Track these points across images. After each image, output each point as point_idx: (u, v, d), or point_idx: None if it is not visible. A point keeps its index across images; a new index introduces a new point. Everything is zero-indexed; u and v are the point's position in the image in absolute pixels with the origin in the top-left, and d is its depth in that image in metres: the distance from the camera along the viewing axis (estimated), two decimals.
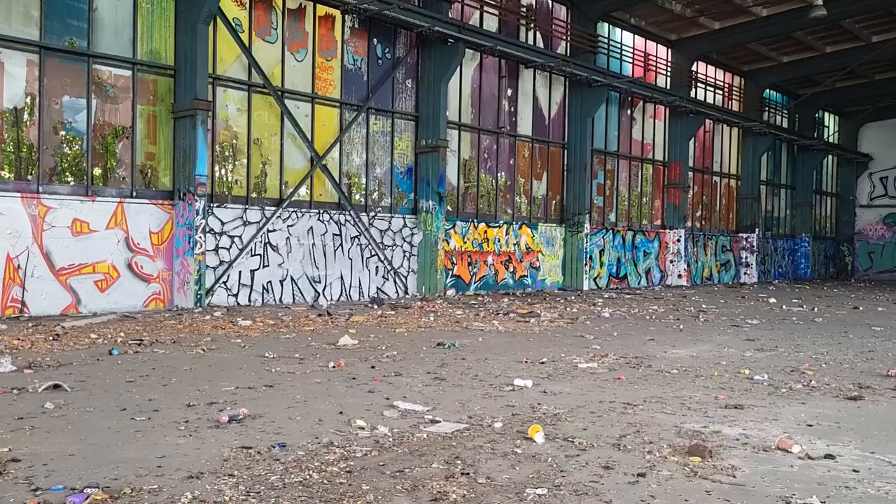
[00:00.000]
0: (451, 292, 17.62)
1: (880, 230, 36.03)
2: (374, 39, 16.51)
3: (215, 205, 13.71)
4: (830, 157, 34.37)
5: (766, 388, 7.29)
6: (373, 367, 7.82)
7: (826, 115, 34.56)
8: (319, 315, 12.60)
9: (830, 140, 34.19)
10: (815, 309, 17.26)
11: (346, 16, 15.85)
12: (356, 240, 16.00)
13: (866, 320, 14.78)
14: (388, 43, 16.80)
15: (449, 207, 17.86)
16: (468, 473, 4.27)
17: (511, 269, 19.64)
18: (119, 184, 12.69)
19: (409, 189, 17.34)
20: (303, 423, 5.37)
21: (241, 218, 14.10)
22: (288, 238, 14.81)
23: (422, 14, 16.19)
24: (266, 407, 5.86)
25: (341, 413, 5.72)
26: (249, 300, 14.13)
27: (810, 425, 5.74)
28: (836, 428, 5.69)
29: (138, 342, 9.01)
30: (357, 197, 16.35)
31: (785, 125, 31.01)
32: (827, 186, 35.39)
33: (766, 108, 29.93)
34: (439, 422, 5.51)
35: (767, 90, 29.66)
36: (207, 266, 13.39)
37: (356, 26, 16.12)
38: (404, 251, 17.00)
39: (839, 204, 36.31)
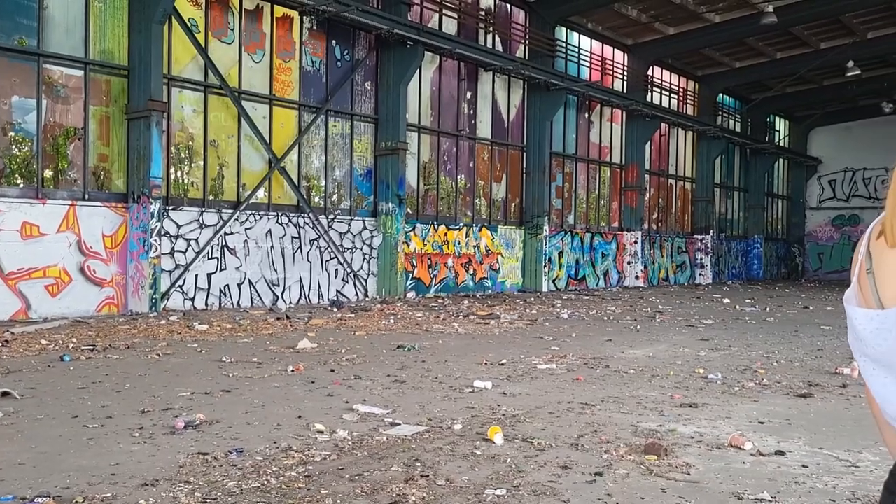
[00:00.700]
0: (411, 295, 17.61)
1: (829, 232, 37.03)
2: (333, 41, 16.44)
3: (171, 207, 13.49)
4: (781, 160, 35.19)
5: (719, 386, 7.45)
6: (332, 371, 7.79)
7: (777, 119, 35.40)
8: (278, 318, 12.49)
9: (781, 144, 35.03)
10: (767, 309, 17.66)
11: (305, 17, 15.75)
12: (315, 242, 15.90)
13: (816, 320, 15.18)
14: (347, 45, 16.74)
15: (409, 210, 17.85)
16: (428, 476, 4.28)
17: (471, 272, 19.71)
18: (71, 186, 12.41)
19: (369, 191, 17.29)
20: (261, 428, 5.32)
21: (198, 221, 13.90)
22: (246, 241, 14.64)
23: (381, 16, 16.17)
24: (223, 412, 5.79)
25: (300, 417, 5.68)
26: (206, 304, 13.93)
27: (762, 423, 5.88)
28: (787, 425, 5.83)
29: (91, 348, 8.82)
30: (316, 199, 16.25)
31: (738, 129, 31.68)
32: (778, 189, 36.24)
33: (720, 113, 30.54)
34: (399, 424, 5.51)
35: (721, 95, 30.27)
36: (163, 270, 13.17)
37: (314, 28, 16.03)
38: (364, 254, 16.94)
39: (790, 206, 37.20)
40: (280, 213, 15.27)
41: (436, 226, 18.68)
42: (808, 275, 37.12)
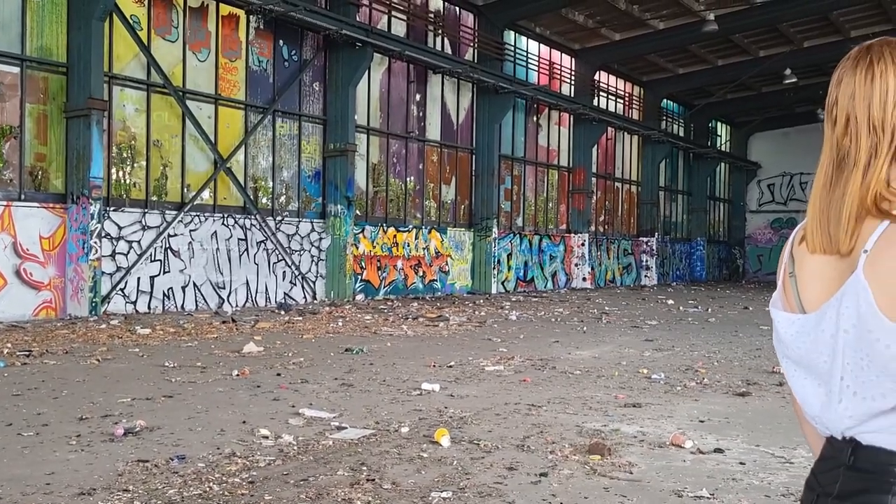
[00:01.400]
0: (360, 297, 17.52)
1: (768, 234, 38.14)
2: (281, 41, 16.26)
3: (112, 208, 13.15)
4: (723, 164, 36.09)
5: (662, 386, 7.60)
6: (278, 375, 7.70)
7: (719, 124, 36.29)
8: (224, 322, 12.28)
9: (723, 148, 35.93)
10: (709, 309, 18.10)
11: (251, 16, 15.54)
12: (262, 244, 15.69)
13: (755, 320, 15.61)
14: (295, 45, 16.57)
15: (358, 212, 17.75)
16: (373, 479, 4.27)
17: (421, 274, 19.70)
18: (6, 186, 12.00)
19: (318, 193, 17.14)
20: (203, 434, 5.23)
21: (140, 222, 13.59)
22: (190, 243, 14.37)
23: (329, 17, 16.06)
24: (165, 418, 5.67)
25: (244, 422, 5.60)
26: (149, 307, 13.62)
27: (702, 421, 6.02)
28: (726, 423, 5.99)
29: (27, 353, 8.54)
30: (264, 201, 16.04)
31: (681, 134, 32.39)
32: (720, 192, 37.16)
33: (664, 117, 31.19)
34: (346, 428, 5.48)
35: (665, 100, 30.91)
36: (103, 272, 12.83)
37: (261, 27, 15.83)
38: (312, 256, 16.79)
39: (731, 209, 38.18)
40: (226, 215, 15.03)
41: (385, 228, 18.63)
42: (748, 276, 38.15)
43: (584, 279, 25.95)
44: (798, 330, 1.32)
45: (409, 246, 19.32)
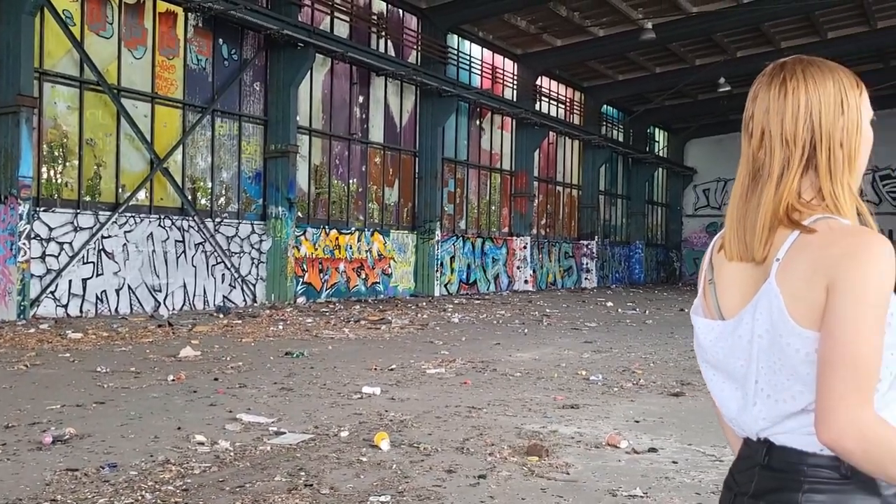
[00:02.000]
0: (301, 300, 17.33)
1: (703, 238, 39.16)
2: (220, 39, 15.98)
3: (42, 209, 12.72)
4: (661, 169, 36.92)
5: (600, 387, 7.74)
6: (216, 379, 7.56)
7: (657, 130, 37.12)
8: (160, 326, 12.00)
9: (661, 154, 36.77)
10: (647, 311, 18.50)
11: (190, 14, 15.24)
12: (201, 246, 15.38)
13: (690, 322, 15.98)
14: (235, 44, 16.31)
15: (299, 213, 17.57)
16: (311, 485, 4.24)
17: (363, 276, 19.61)
18: None
19: (258, 194, 16.90)
20: (136, 441, 5.11)
21: (72, 223, 13.17)
22: (125, 245, 13.99)
23: (270, 16, 15.85)
24: (96, 425, 5.51)
25: (179, 429, 5.49)
26: (81, 311, 13.21)
27: (637, 421, 6.16)
28: (660, 423, 6.13)
29: None
30: (203, 202, 15.73)
31: (621, 139, 33.01)
32: (658, 197, 38.00)
33: (604, 123, 31.74)
34: (284, 433, 5.42)
35: (605, 105, 31.47)
36: (32, 275, 12.40)
37: (200, 25, 15.54)
38: (252, 258, 16.53)
39: (668, 213, 39.09)
40: (163, 216, 14.69)
41: (327, 230, 18.48)
42: (685, 279, 39.11)
43: (526, 282, 26.21)
44: (717, 335, 1.37)
45: (351, 248, 19.21)
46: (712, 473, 4.70)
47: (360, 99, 19.73)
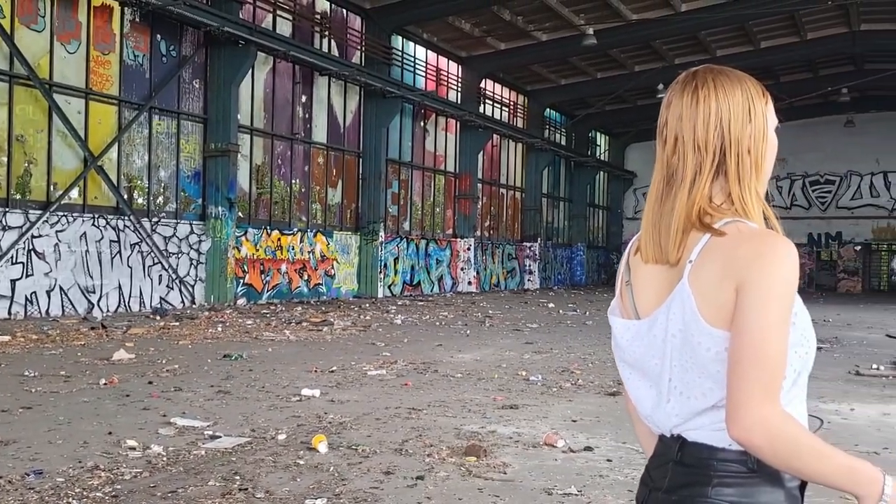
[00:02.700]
0: (241, 301, 17.06)
1: None
2: (158, 35, 15.62)
3: None
4: (602, 173, 37.58)
5: (539, 387, 7.83)
6: (150, 383, 7.39)
7: (598, 134, 37.76)
8: (93, 328, 11.65)
9: (602, 158, 37.41)
10: (587, 312, 18.79)
11: (126, 8, 14.86)
12: (137, 247, 15.00)
13: None
14: (174, 40, 15.97)
15: (240, 214, 17.29)
16: (246, 489, 4.18)
17: (305, 278, 19.41)
18: None
19: (197, 194, 16.57)
20: (64, 447, 4.95)
21: (0, 222, 12.69)
22: (57, 244, 13.54)
23: (210, 13, 15.57)
24: (22, 431, 5.33)
25: (110, 433, 5.35)
26: (9, 313, 12.73)
27: (574, 421, 6.26)
28: (596, 422, 6.24)
29: None
30: (140, 201, 15.35)
31: (563, 142, 33.47)
32: (599, 200, 38.65)
33: (547, 126, 32.14)
34: (220, 437, 5.33)
35: (548, 109, 31.86)
36: None
37: (137, 20, 15.16)
38: (191, 259, 16.20)
39: (609, 216, 39.80)
40: (97, 215, 14.27)
41: (269, 230, 18.24)
42: None
43: (469, 283, 26.34)
44: (633, 335, 1.41)
45: (293, 249, 19.00)
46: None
47: (303, 98, 19.54)
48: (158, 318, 13.65)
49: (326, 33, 20.02)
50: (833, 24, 24.74)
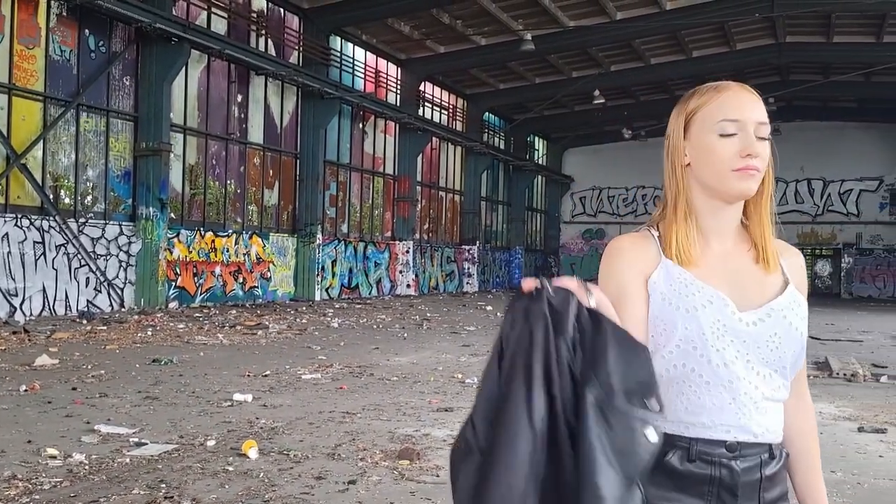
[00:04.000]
0: (173, 305, 16.63)
1: (580, 244, 40.66)
2: (87, 30, 15.12)
3: None
4: (540, 177, 38.03)
5: (475, 390, 7.84)
6: (74, 389, 7.14)
7: (536, 139, 38.21)
8: (14, 332, 11.18)
9: (540, 162, 37.87)
10: None
11: (53, 1, 14.34)
12: (63, 248, 14.48)
13: None
14: (103, 36, 15.48)
15: (172, 215, 16.86)
16: (172, 497, 4.08)
17: (241, 280, 19.06)
18: None
19: (127, 194, 16.09)
20: None
21: None
22: None
23: (142, 8, 15.13)
24: None
25: (30, 442, 5.14)
26: None
27: None
28: None
29: None
30: (67, 201, 14.82)
31: (502, 146, 33.75)
32: (537, 204, 39.11)
33: (486, 130, 32.36)
34: (146, 444, 5.18)
35: (487, 113, 32.09)
36: None
37: (65, 14, 14.65)
38: (120, 261, 15.71)
39: (547, 220, 40.32)
40: (20, 216, 13.71)
41: (202, 232, 17.85)
42: None
43: (408, 286, 26.30)
44: None
45: (228, 251, 18.63)
46: None
47: (239, 98, 19.20)
48: (85, 321, 13.21)
49: (263, 32, 19.73)
50: (760, 35, 25.63)
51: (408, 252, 26.28)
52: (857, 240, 35.98)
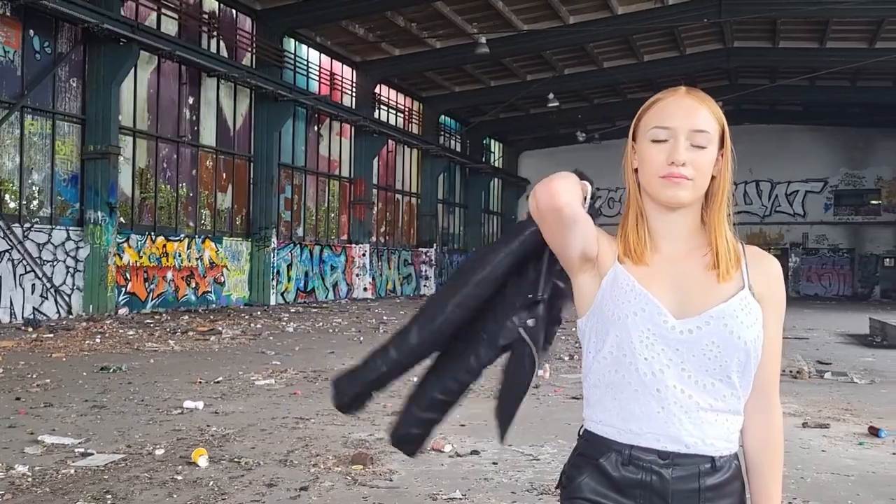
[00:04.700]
0: (123, 311, 16.29)
1: None
2: (31, 31, 14.74)
3: None
4: (496, 179, 38.24)
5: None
6: (18, 399, 6.94)
7: (492, 141, 38.41)
8: None
9: (496, 164, 38.09)
10: None
11: None
12: (7, 254, 14.07)
13: None
14: (49, 36, 15.11)
15: (122, 219, 16.52)
16: None
17: (193, 285, 18.75)
18: None
19: (75, 198, 15.72)
20: None
21: None
22: None
23: (88, 9, 14.81)
24: None
25: None
26: None
27: (463, 425, 6.31)
28: (484, 426, 6.31)
29: None
30: (11, 206, 14.41)
31: (458, 149, 33.86)
32: (493, 206, 39.31)
33: (442, 133, 32.42)
34: (92, 454, 5.06)
35: (443, 116, 32.16)
36: None
37: (8, 14, 14.23)
38: (68, 267, 15.33)
39: (503, 222, 40.54)
40: None
41: (153, 237, 17.52)
42: None
43: (365, 289, 26.19)
44: None
45: (180, 256, 18.32)
46: (528, 472, 4.91)
47: (191, 100, 18.91)
48: (31, 329, 12.85)
49: (215, 34, 19.47)
50: (709, 40, 26.17)
51: (364, 255, 26.17)
52: (803, 240, 36.98)
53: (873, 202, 36.03)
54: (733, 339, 1.39)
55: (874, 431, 6.26)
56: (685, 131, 1.42)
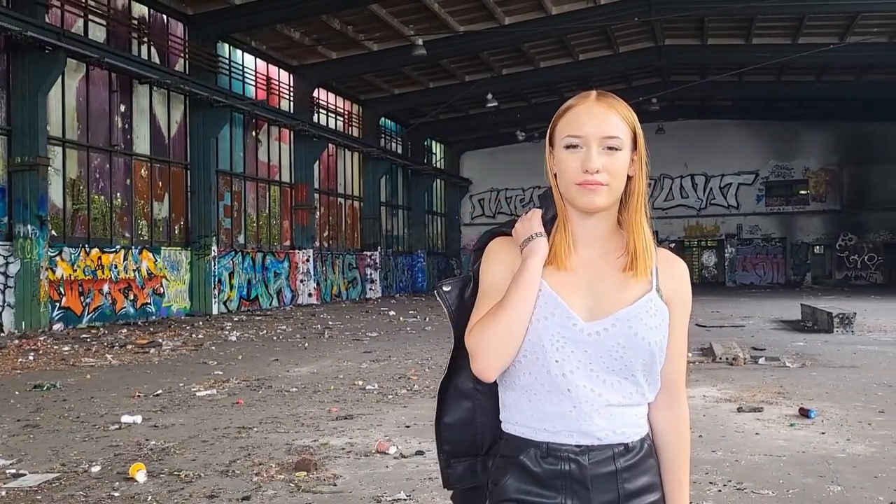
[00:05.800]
0: (58, 326, 15.78)
1: None
2: None
3: None
4: (439, 180, 38.33)
5: (375, 396, 7.85)
6: None
7: (434, 143, 38.49)
8: None
9: (438, 166, 38.18)
10: (427, 318, 19.07)
11: None
12: None
13: None
14: None
15: (54, 232, 16.01)
16: None
17: (131, 298, 18.28)
18: None
19: (2, 212, 15.17)
20: None
21: None
22: None
23: (10, 16, 14.31)
24: None
25: None
26: None
27: (408, 426, 6.33)
28: (430, 426, 6.33)
29: None
30: None
31: (400, 151, 33.81)
32: (437, 207, 39.39)
33: (383, 135, 32.34)
34: (24, 475, 4.91)
35: (383, 118, 32.08)
36: None
37: None
38: None
39: (447, 223, 40.68)
40: None
41: (87, 249, 17.02)
42: None
43: (309, 295, 25.94)
44: None
45: (117, 268, 17.85)
46: None
47: (122, 108, 18.44)
48: None
49: (146, 40, 19.03)
50: (641, 38, 26.74)
51: (308, 261, 25.92)
52: (737, 231, 38.09)
53: (802, 192, 37.36)
54: (638, 341, 1.45)
55: (804, 413, 6.51)
56: (597, 138, 1.46)
